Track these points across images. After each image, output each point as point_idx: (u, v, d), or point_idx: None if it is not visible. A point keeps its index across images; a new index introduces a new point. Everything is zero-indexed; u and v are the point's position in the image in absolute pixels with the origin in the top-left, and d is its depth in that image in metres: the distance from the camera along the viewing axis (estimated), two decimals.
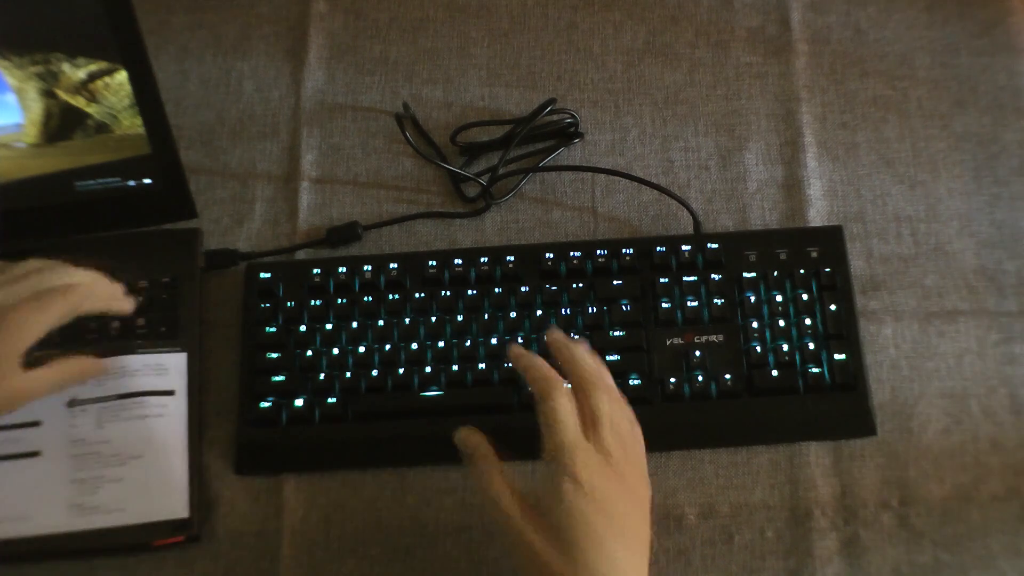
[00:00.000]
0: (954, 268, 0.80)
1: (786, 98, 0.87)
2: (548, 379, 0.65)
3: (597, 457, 0.62)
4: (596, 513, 0.61)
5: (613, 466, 0.62)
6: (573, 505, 0.61)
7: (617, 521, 0.61)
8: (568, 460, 0.62)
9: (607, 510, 0.61)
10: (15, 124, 0.78)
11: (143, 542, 0.74)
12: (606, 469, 0.62)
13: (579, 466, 0.62)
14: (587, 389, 0.65)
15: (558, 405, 0.64)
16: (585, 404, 0.64)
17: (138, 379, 0.77)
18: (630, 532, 0.62)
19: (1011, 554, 0.72)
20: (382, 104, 0.89)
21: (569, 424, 0.63)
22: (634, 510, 0.63)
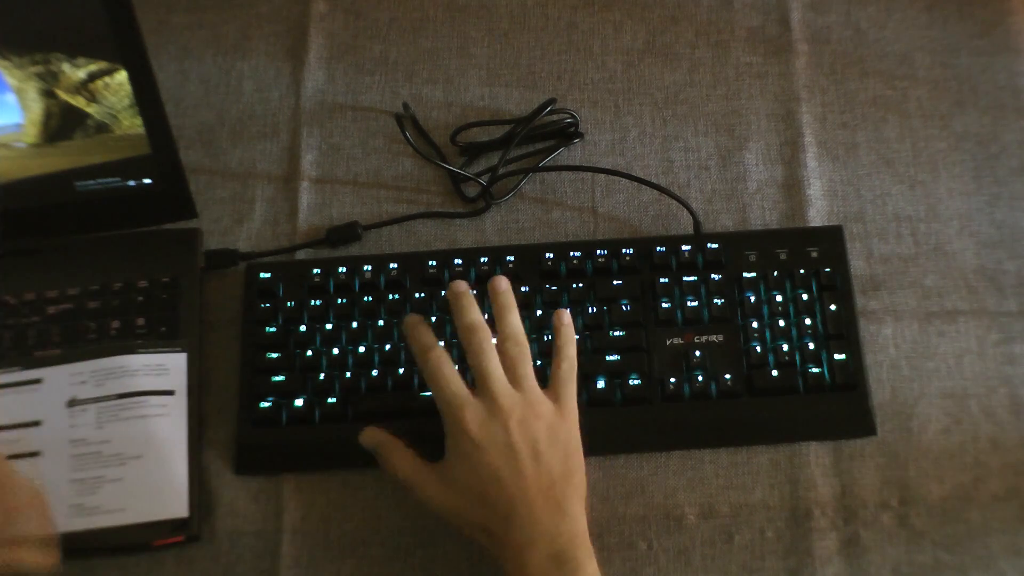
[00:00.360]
0: (954, 268, 0.80)
1: (786, 98, 0.87)
2: (422, 345, 0.70)
3: (484, 409, 0.66)
4: (496, 461, 0.65)
5: (509, 415, 0.66)
6: (471, 458, 0.65)
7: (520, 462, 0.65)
8: (457, 416, 0.66)
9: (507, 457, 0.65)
10: (15, 124, 0.78)
11: (143, 542, 0.74)
12: (497, 419, 0.66)
13: (468, 421, 0.66)
14: (464, 343, 0.69)
15: (434, 366, 0.68)
16: (472, 363, 0.68)
17: (138, 379, 0.77)
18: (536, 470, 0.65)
19: (1011, 554, 0.72)
20: (382, 104, 0.89)
21: (450, 382, 0.68)
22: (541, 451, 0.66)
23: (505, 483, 0.65)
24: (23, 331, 0.80)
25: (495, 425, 0.66)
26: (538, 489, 0.65)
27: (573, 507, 0.66)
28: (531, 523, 0.64)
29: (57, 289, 0.81)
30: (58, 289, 0.81)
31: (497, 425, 0.66)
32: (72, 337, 0.80)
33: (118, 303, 0.81)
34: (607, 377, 0.76)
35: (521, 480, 0.65)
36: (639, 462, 0.76)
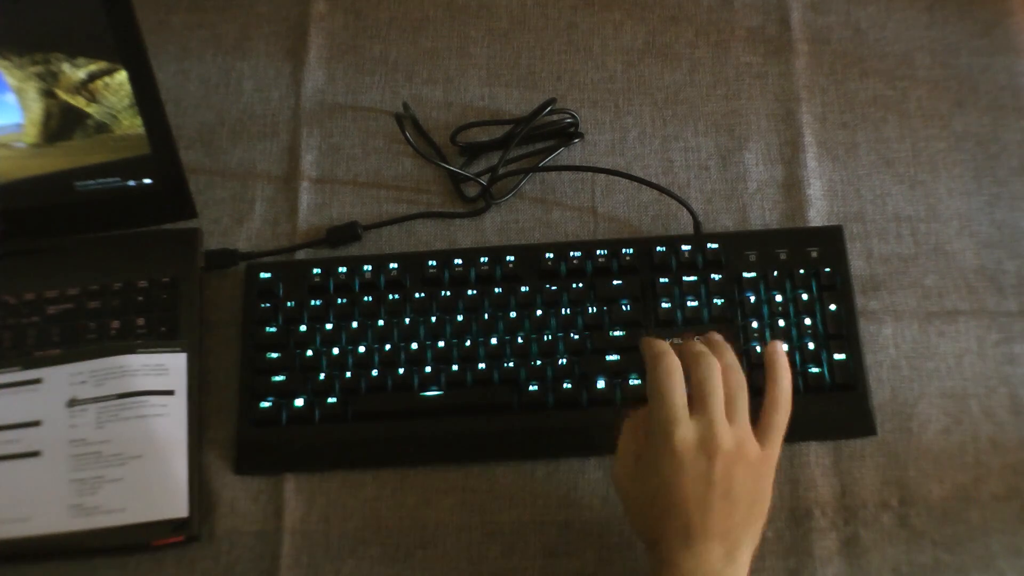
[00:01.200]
0: (954, 268, 0.80)
1: (786, 98, 0.87)
2: (658, 351, 0.67)
3: (698, 436, 0.65)
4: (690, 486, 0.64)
5: (718, 447, 0.64)
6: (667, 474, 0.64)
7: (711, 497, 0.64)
8: (669, 430, 0.64)
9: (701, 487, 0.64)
10: (15, 124, 0.78)
11: (143, 542, 0.74)
12: (706, 448, 0.64)
13: (678, 440, 0.64)
14: (695, 364, 0.67)
15: (664, 373, 0.66)
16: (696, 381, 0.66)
17: (138, 379, 0.77)
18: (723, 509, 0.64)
19: (1011, 554, 0.72)
20: (382, 104, 0.89)
21: (675, 393, 0.66)
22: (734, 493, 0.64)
23: (691, 510, 0.64)
24: (23, 331, 0.80)
25: (702, 453, 0.64)
26: (717, 528, 0.64)
27: (742, 555, 0.64)
28: (700, 557, 0.63)
29: (57, 289, 0.81)
30: (58, 289, 0.81)
31: (703, 453, 0.64)
32: (72, 337, 0.80)
33: (118, 303, 0.81)
34: (607, 377, 0.76)
35: (706, 514, 0.64)
36: None
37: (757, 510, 0.66)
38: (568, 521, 0.74)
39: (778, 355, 0.69)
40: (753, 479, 0.65)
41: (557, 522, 0.74)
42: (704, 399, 0.66)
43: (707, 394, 0.66)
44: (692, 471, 0.64)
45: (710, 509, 0.64)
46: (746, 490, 0.65)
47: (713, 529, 0.63)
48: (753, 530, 0.65)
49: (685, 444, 0.64)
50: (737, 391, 0.67)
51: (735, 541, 0.64)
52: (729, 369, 0.68)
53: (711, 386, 0.66)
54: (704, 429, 0.65)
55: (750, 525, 0.65)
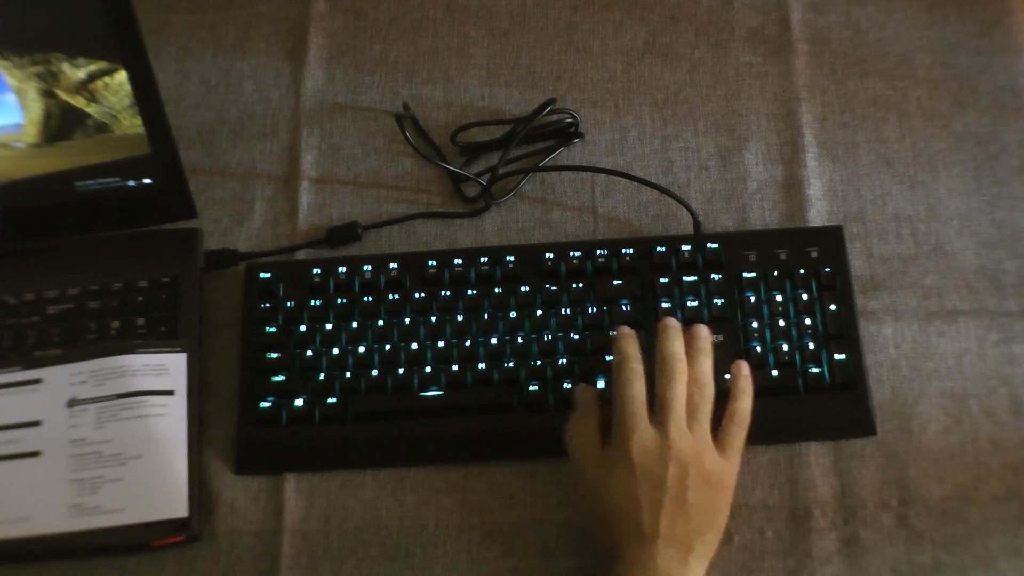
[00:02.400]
0: (954, 268, 0.80)
1: (786, 98, 0.87)
2: (625, 354, 0.70)
3: (655, 442, 0.67)
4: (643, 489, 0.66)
5: (674, 454, 0.66)
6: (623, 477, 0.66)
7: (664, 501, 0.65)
8: (627, 435, 0.67)
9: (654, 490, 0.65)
10: (15, 124, 0.78)
11: (143, 542, 0.74)
12: (661, 453, 0.66)
13: (634, 444, 0.67)
14: (660, 370, 0.69)
15: (626, 377, 0.69)
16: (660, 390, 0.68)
17: (138, 379, 0.77)
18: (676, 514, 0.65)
19: (1011, 554, 0.72)
20: (382, 104, 0.89)
21: (634, 400, 0.68)
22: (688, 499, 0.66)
23: (644, 511, 0.65)
24: (23, 331, 0.80)
25: (657, 457, 0.66)
26: (670, 531, 0.65)
27: (695, 562, 0.66)
28: (651, 556, 0.65)
29: (57, 289, 0.81)
30: (58, 289, 0.81)
31: (658, 458, 0.66)
32: (72, 337, 0.80)
33: (118, 303, 0.81)
34: (607, 377, 0.76)
35: (657, 516, 0.65)
36: None
37: (711, 519, 0.67)
38: (568, 521, 0.74)
39: (743, 374, 0.72)
40: (709, 488, 0.67)
41: (557, 522, 0.74)
42: (664, 407, 0.68)
43: (668, 401, 0.68)
44: (646, 476, 0.66)
45: (662, 513, 0.65)
46: (701, 498, 0.66)
47: (665, 533, 0.65)
48: (707, 538, 0.67)
49: (641, 448, 0.67)
50: (700, 402, 0.69)
51: (687, 547, 0.65)
52: (697, 378, 0.70)
53: (672, 393, 0.68)
54: (661, 436, 0.67)
55: (704, 533, 0.67)
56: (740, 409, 0.71)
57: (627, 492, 0.66)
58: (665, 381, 0.69)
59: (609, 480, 0.67)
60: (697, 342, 0.72)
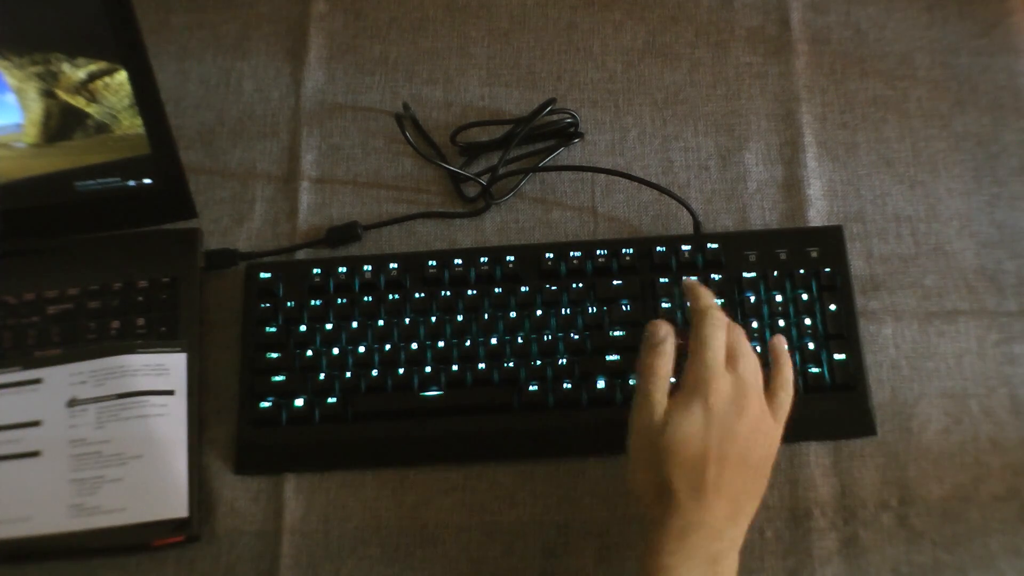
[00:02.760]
0: (954, 268, 0.80)
1: (786, 98, 0.87)
2: (705, 303, 0.69)
3: (733, 393, 0.66)
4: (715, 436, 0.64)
5: (748, 409, 0.66)
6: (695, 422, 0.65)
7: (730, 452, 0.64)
8: (708, 379, 0.65)
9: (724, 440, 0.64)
10: (15, 124, 0.78)
11: (143, 542, 0.74)
12: (736, 405, 0.65)
13: (714, 390, 0.65)
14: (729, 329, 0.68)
15: (712, 328, 0.67)
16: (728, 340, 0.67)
17: (138, 379, 0.77)
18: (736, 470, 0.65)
19: (1011, 554, 0.72)
20: (382, 104, 0.89)
21: (718, 348, 0.67)
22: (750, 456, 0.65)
23: (710, 464, 0.64)
24: (23, 331, 0.80)
25: (734, 407, 0.65)
26: (727, 487, 0.64)
27: (743, 521, 0.65)
28: (706, 511, 0.64)
29: (57, 289, 0.81)
30: (58, 289, 0.81)
31: (736, 407, 0.65)
32: (72, 337, 0.80)
33: (118, 303, 0.81)
34: (607, 377, 0.76)
35: (722, 471, 0.64)
36: None
37: (763, 482, 0.67)
38: (568, 521, 0.74)
39: (783, 348, 0.71)
40: (766, 448, 0.67)
41: (557, 522, 0.74)
42: (737, 359, 0.67)
43: (740, 355, 0.67)
44: (721, 426, 0.65)
45: (726, 467, 0.64)
46: (759, 456, 0.66)
47: (723, 488, 0.64)
48: (754, 503, 0.66)
49: (720, 397, 0.65)
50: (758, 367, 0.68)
51: (739, 506, 0.65)
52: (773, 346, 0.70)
53: (744, 348, 0.68)
54: (740, 384, 0.66)
55: (753, 497, 0.66)
56: (787, 377, 0.70)
57: (698, 440, 0.64)
58: (733, 336, 0.68)
59: (683, 424, 0.65)
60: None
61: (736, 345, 0.68)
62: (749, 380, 0.66)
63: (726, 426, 0.65)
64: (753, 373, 0.67)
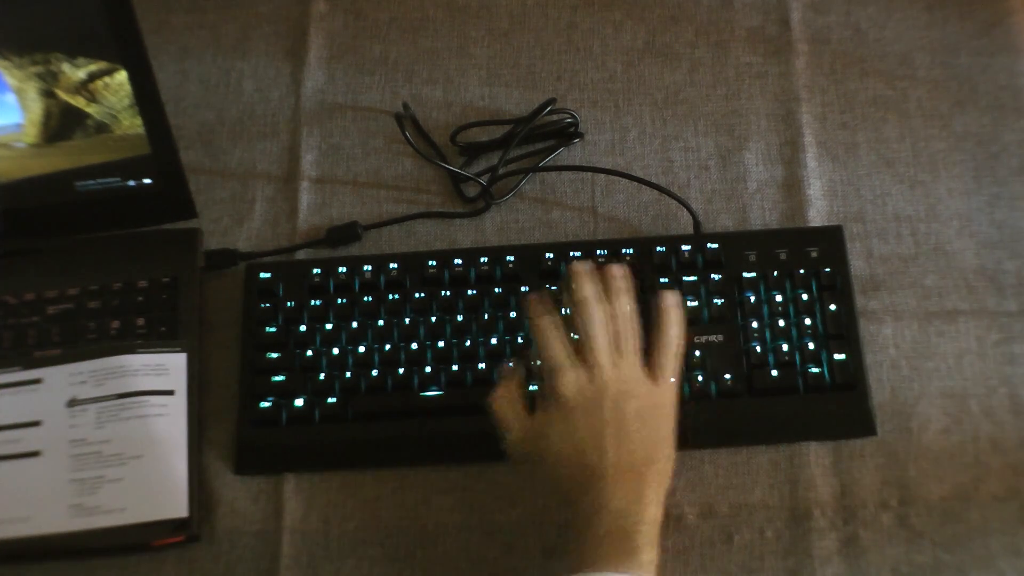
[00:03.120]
0: (954, 268, 0.80)
1: (786, 98, 0.87)
2: (537, 310, 0.70)
3: (585, 379, 0.66)
4: (583, 430, 0.65)
5: (607, 388, 0.66)
6: (561, 422, 0.66)
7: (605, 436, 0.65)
8: (555, 378, 0.67)
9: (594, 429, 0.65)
10: (15, 124, 0.78)
11: (143, 542, 0.74)
12: (593, 388, 0.66)
13: (564, 385, 0.66)
14: (576, 313, 0.69)
15: (542, 328, 0.68)
16: (580, 332, 0.68)
17: (138, 379, 0.77)
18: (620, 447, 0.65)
19: (1011, 554, 0.72)
20: (382, 104, 0.89)
21: (556, 344, 0.67)
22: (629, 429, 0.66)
23: (588, 452, 0.65)
24: (23, 331, 0.80)
25: (590, 393, 0.66)
26: (617, 466, 0.64)
27: (649, 492, 0.65)
28: (605, 496, 0.64)
29: (57, 289, 0.81)
30: (58, 289, 0.81)
31: (592, 394, 0.66)
32: (72, 337, 0.80)
33: (118, 303, 0.81)
34: None
35: (603, 454, 0.65)
36: None
37: (657, 448, 0.67)
38: (568, 521, 0.74)
39: (669, 303, 0.71)
40: (648, 417, 0.66)
41: (557, 522, 0.74)
42: (587, 343, 0.67)
43: (590, 338, 0.67)
44: (584, 414, 0.65)
45: (606, 449, 0.65)
46: (641, 426, 0.66)
47: (613, 469, 0.64)
48: (657, 468, 0.66)
49: (572, 388, 0.66)
50: (624, 335, 0.68)
51: (639, 479, 0.65)
52: (617, 314, 0.69)
53: (593, 332, 0.67)
54: (590, 371, 0.66)
55: (653, 463, 0.66)
56: (669, 337, 0.69)
57: (568, 437, 0.65)
58: (584, 323, 0.68)
59: (548, 432, 0.66)
60: (612, 282, 0.70)
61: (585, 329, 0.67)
62: (601, 360, 0.66)
63: (591, 414, 0.65)
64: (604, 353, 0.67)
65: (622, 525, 0.64)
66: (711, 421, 0.75)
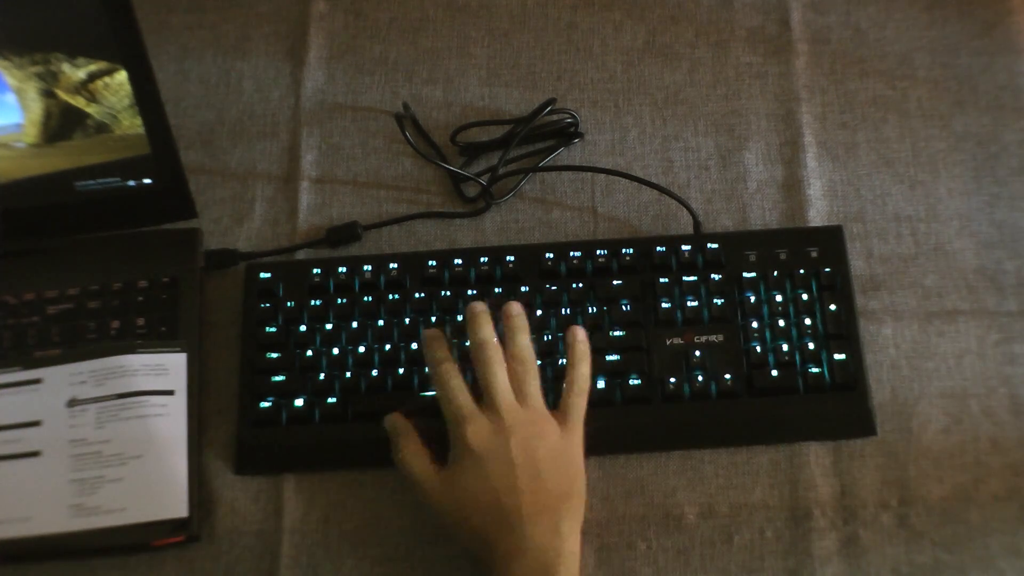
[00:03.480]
0: (954, 268, 0.80)
1: (786, 98, 0.87)
2: (436, 357, 0.71)
3: (490, 426, 0.67)
4: (495, 475, 0.66)
5: (512, 431, 0.67)
6: (472, 470, 0.67)
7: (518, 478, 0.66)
8: (461, 429, 0.68)
9: (506, 473, 0.66)
10: (15, 124, 0.78)
11: (143, 542, 0.74)
12: (500, 435, 0.67)
13: (471, 434, 0.67)
14: (474, 359, 0.70)
15: (442, 379, 0.70)
16: (479, 377, 0.69)
17: (138, 379, 0.77)
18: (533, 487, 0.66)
19: (1011, 554, 0.72)
20: (382, 104, 0.89)
21: (457, 394, 0.69)
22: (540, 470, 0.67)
23: (502, 497, 0.66)
24: (23, 331, 0.80)
25: (497, 440, 0.67)
26: (533, 505, 0.66)
27: (565, 526, 0.67)
28: (523, 536, 0.65)
29: (57, 289, 0.81)
30: (58, 289, 0.81)
31: (499, 440, 0.67)
32: (72, 337, 0.80)
33: (118, 303, 0.81)
34: (607, 377, 0.76)
35: (517, 496, 0.66)
36: (639, 462, 0.76)
37: (570, 484, 0.68)
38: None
39: (577, 340, 0.72)
40: (556, 453, 0.68)
41: None
42: (489, 391, 0.69)
43: (490, 384, 0.69)
44: (493, 460, 0.67)
45: (520, 491, 0.66)
46: (551, 466, 0.67)
47: (529, 509, 0.66)
48: (571, 504, 0.68)
49: (479, 436, 0.67)
50: (525, 376, 0.70)
51: (555, 515, 0.66)
52: (516, 354, 0.70)
53: (492, 376, 0.69)
54: (494, 417, 0.68)
55: (567, 498, 0.67)
56: (578, 376, 0.71)
57: (481, 485, 0.67)
58: (482, 368, 0.69)
59: (460, 482, 0.67)
60: (510, 320, 0.72)
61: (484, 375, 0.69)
62: (503, 405, 0.68)
63: (501, 459, 0.67)
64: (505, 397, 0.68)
65: (543, 561, 0.65)
66: (711, 421, 0.75)
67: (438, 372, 0.71)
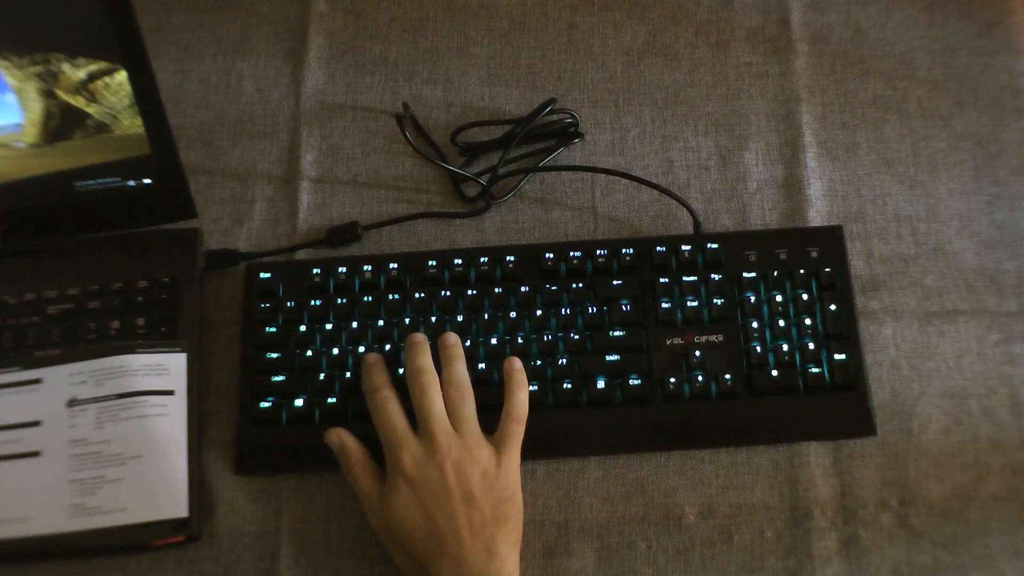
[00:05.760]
0: (954, 268, 0.80)
1: (786, 98, 0.87)
2: (373, 384, 0.73)
3: (425, 451, 0.69)
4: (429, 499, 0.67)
5: (446, 456, 0.68)
6: (406, 495, 0.68)
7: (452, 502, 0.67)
8: (396, 453, 0.69)
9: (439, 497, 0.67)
10: (15, 124, 0.78)
11: (143, 542, 0.74)
12: (434, 459, 0.68)
13: (404, 459, 0.69)
14: (411, 385, 0.72)
15: (378, 405, 0.72)
16: (415, 404, 0.71)
17: (138, 379, 0.77)
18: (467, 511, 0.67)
19: (1011, 554, 0.72)
20: (382, 104, 0.89)
21: (392, 419, 0.70)
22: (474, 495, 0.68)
23: (437, 521, 0.67)
24: (23, 331, 0.80)
25: (431, 465, 0.68)
26: (469, 530, 0.67)
27: (502, 549, 0.67)
28: (459, 561, 0.66)
29: (57, 289, 0.81)
30: (58, 289, 0.81)
31: (432, 465, 0.68)
32: (72, 337, 0.80)
33: (118, 303, 0.81)
34: (607, 377, 0.76)
35: (452, 520, 0.67)
36: (639, 462, 0.76)
37: (506, 507, 0.69)
38: (568, 521, 0.74)
39: (515, 369, 0.74)
40: (491, 477, 0.69)
41: (557, 522, 0.74)
42: (424, 417, 0.70)
43: (425, 411, 0.70)
44: (428, 486, 0.68)
45: (455, 515, 0.67)
46: (486, 490, 0.68)
47: (465, 531, 0.67)
48: (507, 527, 0.68)
49: (413, 462, 0.69)
50: (460, 403, 0.71)
51: (491, 537, 0.67)
52: (452, 381, 0.72)
53: (427, 403, 0.70)
54: (428, 442, 0.69)
55: (504, 521, 0.68)
56: (516, 403, 0.72)
57: (416, 507, 0.68)
58: (418, 395, 0.71)
59: (397, 506, 0.68)
60: (447, 350, 0.74)
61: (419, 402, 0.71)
62: (438, 431, 0.69)
63: (435, 484, 0.68)
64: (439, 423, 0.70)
65: None
66: (711, 421, 0.75)
67: (375, 399, 0.72)
